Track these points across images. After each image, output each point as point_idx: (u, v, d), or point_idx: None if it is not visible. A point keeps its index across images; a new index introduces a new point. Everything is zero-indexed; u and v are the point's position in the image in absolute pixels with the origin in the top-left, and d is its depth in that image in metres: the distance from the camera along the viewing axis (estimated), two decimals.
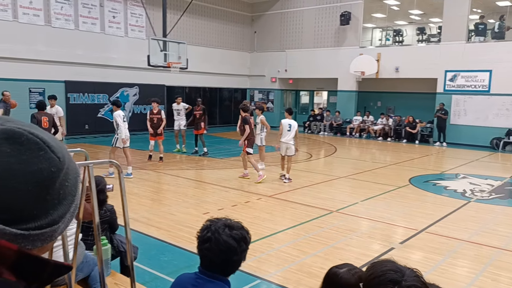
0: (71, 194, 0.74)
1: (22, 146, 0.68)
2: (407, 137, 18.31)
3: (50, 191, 0.70)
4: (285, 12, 22.47)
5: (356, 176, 10.41)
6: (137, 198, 7.64)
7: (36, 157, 0.68)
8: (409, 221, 6.74)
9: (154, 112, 11.52)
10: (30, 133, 0.69)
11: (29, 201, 0.67)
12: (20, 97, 14.58)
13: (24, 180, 0.67)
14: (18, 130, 0.68)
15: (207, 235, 1.86)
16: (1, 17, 14.37)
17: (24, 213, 0.68)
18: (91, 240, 3.33)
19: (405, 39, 20.95)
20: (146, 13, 17.33)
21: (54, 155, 0.70)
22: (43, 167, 0.68)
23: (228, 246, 1.82)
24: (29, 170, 0.67)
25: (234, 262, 1.88)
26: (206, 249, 1.85)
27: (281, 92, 23.84)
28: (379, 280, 1.11)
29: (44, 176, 0.69)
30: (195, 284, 1.89)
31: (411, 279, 1.11)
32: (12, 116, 1.00)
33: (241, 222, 1.96)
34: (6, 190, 0.65)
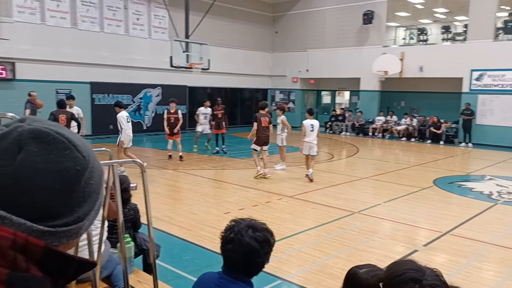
0: (96, 192, 0.76)
1: (49, 145, 0.69)
2: (431, 138, 17.96)
3: (76, 189, 0.72)
4: (307, 11, 22.37)
5: (379, 177, 10.28)
6: (159, 197, 7.75)
7: (62, 156, 0.70)
8: (433, 223, 6.62)
9: (171, 111, 11.72)
10: (57, 132, 0.71)
11: (55, 199, 0.69)
12: (47, 98, 14.97)
13: (51, 178, 0.68)
14: (45, 130, 0.70)
15: (230, 236, 1.86)
16: (30, 20, 14.79)
17: (51, 210, 0.70)
18: (115, 238, 3.39)
19: (429, 38, 20.55)
20: (169, 15, 17.54)
21: (80, 154, 0.72)
22: (69, 166, 0.70)
23: (251, 248, 1.80)
24: (55, 169, 0.69)
25: (257, 264, 1.86)
26: (229, 250, 1.85)
27: (302, 92, 23.75)
28: (400, 279, 1.10)
29: (70, 175, 0.70)
30: (218, 284, 1.90)
31: (432, 278, 1.10)
32: (39, 116, 1.03)
33: (266, 224, 1.94)
34: (34, 189, 0.67)
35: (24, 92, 12.49)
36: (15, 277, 0.65)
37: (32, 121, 0.71)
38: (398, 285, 1.10)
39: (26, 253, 0.67)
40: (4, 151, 0.68)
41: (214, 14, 20.15)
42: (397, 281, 1.11)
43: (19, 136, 0.69)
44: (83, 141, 0.75)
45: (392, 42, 21.80)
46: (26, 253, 0.67)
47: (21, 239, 0.66)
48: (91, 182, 0.74)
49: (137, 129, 18.19)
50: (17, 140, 0.68)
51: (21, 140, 0.68)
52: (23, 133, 0.69)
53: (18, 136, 0.69)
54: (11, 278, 0.65)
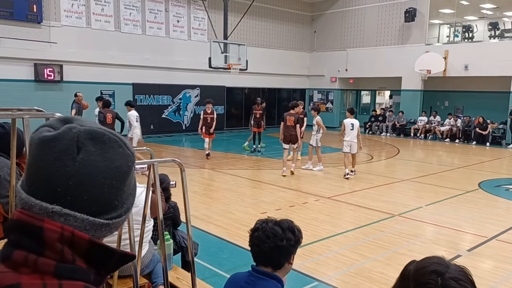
0: (135, 185, 0.84)
1: (105, 144, 0.74)
2: (476, 139, 17.24)
3: (127, 183, 0.78)
4: (346, 10, 22.05)
5: (421, 179, 9.98)
6: (197, 196, 7.87)
7: (117, 154, 0.75)
8: (478, 227, 6.35)
9: (208, 112, 12.00)
10: (109, 132, 0.76)
11: (112, 194, 0.75)
12: (92, 99, 15.57)
13: (109, 175, 0.74)
14: (100, 130, 0.75)
15: (256, 226, 2.01)
16: (77, 24, 15.43)
17: (109, 205, 0.76)
18: (155, 235, 3.48)
19: (475, 35, 19.73)
20: (208, 17, 17.79)
21: (129, 151, 0.78)
22: (122, 163, 0.76)
23: (274, 232, 1.91)
24: (112, 166, 0.74)
25: (280, 248, 1.91)
26: (255, 238, 1.97)
27: (341, 92, 23.42)
28: (424, 270, 1.14)
29: (123, 170, 0.76)
30: (247, 282, 1.95)
31: (456, 272, 1.12)
32: (84, 117, 1.08)
33: (293, 221, 2.05)
34: (94, 186, 0.73)
35: (71, 93, 13.04)
36: (62, 268, 0.70)
37: (81, 122, 0.76)
38: (421, 277, 1.13)
39: (73, 245, 0.71)
40: (64, 151, 0.71)
41: (252, 15, 20.25)
42: (421, 272, 1.14)
43: (76, 137, 0.72)
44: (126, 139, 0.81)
45: (436, 40, 21.08)
46: (73, 246, 0.71)
47: (68, 233, 0.70)
48: (134, 176, 0.82)
49: (176, 129, 18.63)
50: (74, 140, 0.72)
51: (79, 140, 0.72)
52: (80, 134, 0.73)
53: (75, 137, 0.72)
54: (58, 269, 0.69)
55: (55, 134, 0.72)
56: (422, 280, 1.13)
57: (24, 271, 0.68)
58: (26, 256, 0.69)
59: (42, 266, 0.69)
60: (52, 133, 0.73)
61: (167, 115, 18.43)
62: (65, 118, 0.76)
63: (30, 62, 14.41)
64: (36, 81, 14.60)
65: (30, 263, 0.69)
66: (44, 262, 0.69)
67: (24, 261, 0.69)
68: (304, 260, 4.93)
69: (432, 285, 1.11)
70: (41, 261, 0.69)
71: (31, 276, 0.68)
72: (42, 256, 0.69)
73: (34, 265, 0.68)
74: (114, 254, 0.76)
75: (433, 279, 1.11)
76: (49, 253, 0.69)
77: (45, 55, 14.61)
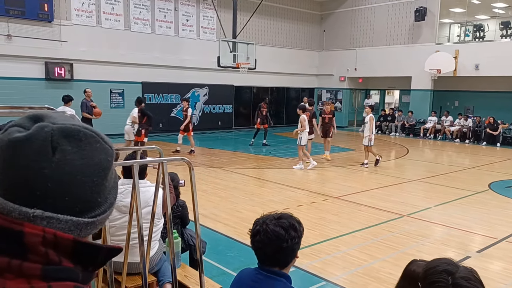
0: (117, 177, 0.81)
1: (81, 141, 0.71)
2: (487, 139, 17.06)
3: (108, 178, 0.75)
4: (356, 9, 21.94)
5: (430, 179, 9.91)
6: (206, 194, 7.89)
7: (95, 150, 0.72)
8: (488, 229, 6.29)
9: (183, 109, 12.49)
10: (85, 127, 0.72)
11: (94, 190, 0.72)
12: (102, 98, 15.68)
13: (89, 173, 0.71)
14: (75, 127, 0.71)
15: (256, 229, 1.92)
16: (87, 23, 15.54)
17: (92, 202, 0.73)
18: (164, 233, 3.50)
19: (486, 35, 19.52)
20: (217, 16, 17.82)
21: (107, 145, 0.75)
22: (102, 158, 0.73)
23: (276, 235, 1.84)
24: (91, 163, 0.71)
25: (285, 250, 1.86)
26: (257, 242, 1.90)
27: (350, 92, 23.31)
28: (434, 270, 1.17)
29: (104, 166, 0.73)
30: (255, 280, 1.92)
31: (465, 272, 1.16)
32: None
33: (292, 214, 1.97)
34: (75, 185, 0.70)
35: (81, 91, 13.11)
36: (49, 270, 0.68)
37: (53, 119, 0.71)
38: (432, 276, 1.16)
39: (57, 247, 0.69)
40: (38, 153, 0.67)
41: (261, 14, 20.24)
42: (432, 271, 1.17)
43: (49, 136, 0.68)
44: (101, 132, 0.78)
45: (446, 40, 20.90)
46: (57, 247, 0.69)
47: (50, 235, 0.68)
48: (115, 169, 0.79)
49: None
50: (48, 140, 0.68)
51: (53, 140, 0.68)
52: (54, 133, 0.69)
53: (49, 136, 0.68)
54: (45, 271, 0.67)
55: (27, 135, 0.68)
56: (433, 279, 1.15)
57: (8, 277, 0.66)
58: (9, 261, 0.66)
59: (28, 270, 0.66)
60: (23, 134, 0.68)
61: (176, 114, 18.48)
62: (34, 116, 0.71)
63: (41, 60, 14.55)
64: (47, 79, 14.74)
65: (14, 268, 0.66)
66: (29, 266, 0.67)
67: (8, 267, 0.66)
68: (312, 260, 4.92)
69: (443, 283, 1.13)
70: (26, 266, 0.66)
71: (17, 281, 0.66)
72: (26, 260, 0.67)
73: (19, 270, 0.66)
74: (100, 250, 0.74)
75: (443, 278, 1.13)
76: (33, 257, 0.67)
77: (55, 54, 14.75)
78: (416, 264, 1.70)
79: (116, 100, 16.53)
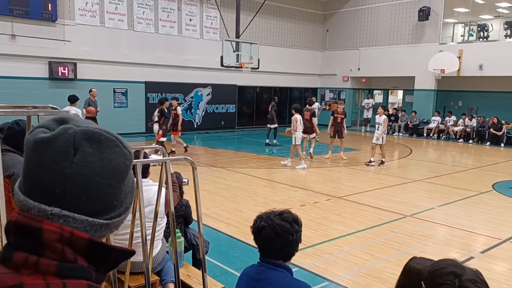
0: (133, 182, 0.84)
1: (102, 144, 0.73)
2: (491, 140, 17.00)
3: (125, 182, 0.78)
4: (359, 9, 21.89)
5: (433, 179, 9.88)
6: (208, 194, 7.90)
7: (114, 154, 0.74)
8: (492, 229, 6.27)
9: (172, 108, 12.23)
10: (106, 132, 0.75)
11: (110, 193, 0.75)
12: (105, 97, 15.72)
13: (108, 175, 0.73)
14: (97, 131, 0.73)
15: (261, 224, 1.99)
16: (90, 23, 15.58)
17: (108, 204, 0.75)
18: (167, 233, 3.51)
19: (490, 35, 19.44)
20: (221, 15, 17.82)
21: (126, 150, 0.77)
22: (120, 162, 0.75)
23: (284, 229, 1.93)
24: (110, 166, 0.74)
25: (291, 242, 1.97)
26: (263, 237, 1.97)
27: (353, 91, 23.28)
28: (441, 271, 1.17)
29: (121, 170, 0.76)
30: (258, 272, 2.01)
31: (472, 274, 1.16)
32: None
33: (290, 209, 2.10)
34: (93, 186, 0.72)
35: (85, 90, 13.17)
36: (64, 267, 0.70)
37: (76, 122, 0.74)
38: (438, 278, 1.16)
39: (72, 245, 0.71)
40: (60, 153, 0.70)
41: (264, 13, 20.23)
42: (438, 273, 1.17)
43: (72, 138, 0.71)
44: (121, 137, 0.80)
45: (450, 39, 20.84)
46: (72, 246, 0.71)
47: (67, 233, 0.71)
48: (132, 174, 0.82)
49: (188, 128, 18.69)
50: (71, 142, 0.71)
51: (75, 141, 0.71)
52: (76, 135, 0.71)
53: (72, 138, 0.71)
54: (60, 268, 0.70)
55: (51, 136, 0.71)
56: (439, 280, 1.15)
57: (25, 272, 0.68)
58: (27, 257, 0.69)
59: (44, 267, 0.69)
60: (48, 135, 0.71)
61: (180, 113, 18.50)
62: (60, 118, 0.75)
63: (44, 60, 14.59)
64: (51, 78, 14.78)
65: (31, 264, 0.69)
66: (46, 262, 0.69)
67: (25, 263, 0.69)
68: (315, 260, 4.92)
69: (449, 285, 1.13)
70: (43, 262, 0.69)
71: (33, 277, 0.68)
72: (43, 257, 0.69)
73: (35, 266, 0.69)
74: (113, 251, 0.76)
75: (450, 280, 1.13)
76: (50, 254, 0.69)
77: (59, 53, 14.79)
78: (416, 261, 1.71)
79: (119, 100, 16.56)
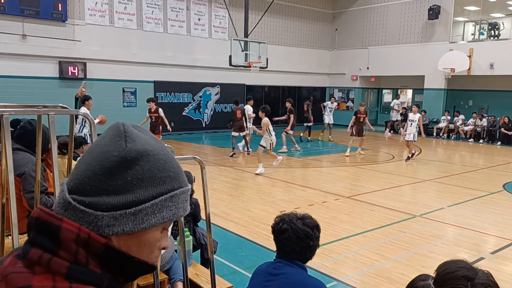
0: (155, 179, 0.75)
1: (109, 131, 0.78)
2: (501, 139, 16.81)
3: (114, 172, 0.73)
4: (368, 7, 21.77)
5: (443, 179, 9.80)
6: (217, 193, 7.92)
7: (111, 141, 0.76)
8: (503, 230, 6.20)
9: (151, 111, 11.42)
10: (123, 124, 0.78)
11: (92, 176, 0.73)
12: (115, 97, 15.83)
13: (95, 156, 0.75)
14: (120, 122, 0.78)
15: (283, 227, 2.03)
16: (100, 22, 15.68)
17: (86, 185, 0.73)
18: (176, 231, 3.52)
19: (502, 33, 19.21)
20: (229, 15, 17.84)
21: (124, 144, 0.75)
22: (109, 150, 0.75)
23: (306, 233, 2.01)
24: (101, 150, 0.75)
25: (311, 247, 2.05)
26: (284, 239, 2.01)
27: (362, 91, 23.15)
28: (453, 275, 1.13)
29: (109, 159, 0.74)
30: (275, 267, 2.05)
31: (484, 277, 1.13)
32: None
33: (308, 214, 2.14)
34: (84, 164, 0.76)
35: (94, 90, 13.29)
36: (74, 270, 0.69)
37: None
38: (450, 281, 1.13)
39: (88, 247, 0.70)
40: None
41: (273, 13, 20.20)
42: (450, 277, 1.13)
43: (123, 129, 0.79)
44: (148, 138, 0.77)
45: (460, 38, 20.64)
46: (88, 248, 0.70)
47: (85, 234, 0.70)
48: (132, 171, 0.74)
49: (196, 127, 18.77)
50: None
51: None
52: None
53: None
54: (71, 270, 0.69)
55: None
56: (451, 284, 1.12)
57: (38, 270, 0.68)
58: (41, 255, 0.69)
59: (55, 266, 0.68)
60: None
61: (188, 113, 18.57)
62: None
63: (55, 59, 14.73)
64: (61, 78, 14.91)
65: (44, 262, 0.69)
66: (57, 262, 0.69)
67: (39, 260, 0.69)
68: (323, 260, 4.91)
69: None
70: (55, 261, 0.69)
71: (43, 277, 0.68)
72: (56, 255, 0.69)
73: (47, 265, 0.68)
74: (131, 261, 0.74)
75: (462, 284, 1.11)
76: (63, 253, 0.69)
77: (69, 53, 14.91)
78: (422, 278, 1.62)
79: (128, 99, 16.66)
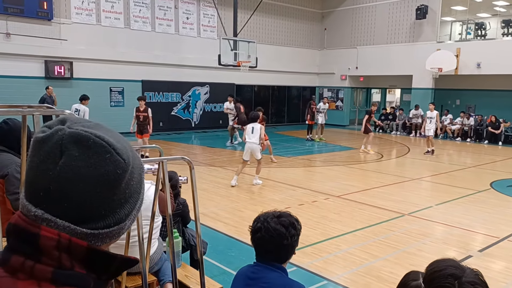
0: (136, 192, 0.77)
1: (89, 149, 0.69)
2: (488, 138, 17.03)
3: (117, 192, 0.72)
4: (357, 7, 21.88)
5: (431, 178, 9.88)
6: (206, 193, 7.87)
7: (103, 160, 0.70)
8: (490, 228, 6.27)
9: (140, 109, 11.09)
10: (96, 136, 0.70)
11: (97, 202, 0.71)
12: (102, 96, 15.66)
13: (93, 183, 0.69)
14: (85, 134, 0.70)
15: (257, 226, 2.00)
16: (87, 21, 15.51)
17: (93, 213, 0.71)
18: (165, 232, 3.48)
19: (488, 33, 19.47)
20: (218, 14, 17.77)
21: (120, 157, 0.72)
22: (109, 170, 0.70)
23: (278, 233, 1.93)
24: (97, 173, 0.69)
25: (286, 247, 1.96)
26: (258, 239, 1.98)
27: (351, 90, 23.26)
28: (440, 273, 1.15)
29: (111, 178, 0.71)
30: (254, 271, 2.01)
31: (472, 276, 1.14)
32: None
33: (290, 212, 2.07)
34: (76, 193, 0.69)
35: (81, 90, 13.12)
36: (60, 274, 0.68)
37: (73, 123, 0.71)
38: (438, 280, 1.14)
39: (71, 252, 0.69)
40: (47, 155, 0.69)
41: (262, 12, 20.19)
42: (438, 275, 1.15)
43: (60, 140, 0.69)
44: (123, 143, 0.75)
45: (447, 38, 20.87)
46: (71, 253, 0.69)
47: (65, 240, 0.69)
48: (132, 183, 0.75)
49: (185, 127, 18.68)
50: (58, 144, 0.69)
51: (62, 144, 0.69)
52: (64, 137, 0.69)
53: (60, 140, 0.69)
54: (56, 275, 0.68)
55: (44, 136, 0.70)
56: (439, 283, 1.13)
57: (21, 277, 0.67)
58: (23, 262, 0.68)
59: (39, 273, 0.67)
60: (43, 135, 0.70)
61: (177, 113, 18.47)
62: (62, 119, 0.73)
63: (40, 59, 14.52)
64: (47, 77, 14.70)
65: (27, 269, 0.67)
66: (41, 268, 0.67)
67: (21, 267, 0.67)
68: (313, 259, 4.90)
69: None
70: (38, 268, 0.67)
71: (28, 282, 0.67)
72: (39, 262, 0.68)
73: (30, 271, 0.67)
74: (114, 260, 0.74)
75: (449, 282, 1.11)
76: (46, 260, 0.68)
77: (55, 52, 14.71)
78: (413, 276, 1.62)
79: (116, 99, 16.50)
